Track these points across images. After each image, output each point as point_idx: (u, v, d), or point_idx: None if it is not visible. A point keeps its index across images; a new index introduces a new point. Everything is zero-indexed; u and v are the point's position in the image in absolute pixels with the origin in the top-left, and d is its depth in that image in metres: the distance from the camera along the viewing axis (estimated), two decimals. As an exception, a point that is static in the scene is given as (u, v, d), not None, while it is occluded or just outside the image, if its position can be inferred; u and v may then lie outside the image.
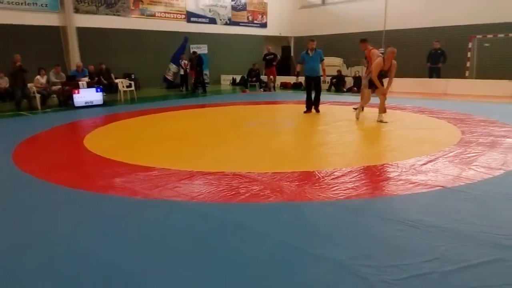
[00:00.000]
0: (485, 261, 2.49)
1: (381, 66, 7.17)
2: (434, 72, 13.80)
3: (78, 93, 10.78)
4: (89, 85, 11.19)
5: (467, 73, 14.43)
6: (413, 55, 15.43)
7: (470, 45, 14.49)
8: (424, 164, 4.66)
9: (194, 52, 15.23)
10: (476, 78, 13.95)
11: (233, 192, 3.85)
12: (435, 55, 13.72)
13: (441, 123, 7.40)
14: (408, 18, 16.93)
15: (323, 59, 8.98)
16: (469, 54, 14.48)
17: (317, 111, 9.13)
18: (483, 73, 13.95)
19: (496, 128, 6.66)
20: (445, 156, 4.99)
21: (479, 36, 14.53)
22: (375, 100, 7.84)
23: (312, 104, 9.14)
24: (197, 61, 14.54)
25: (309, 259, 2.60)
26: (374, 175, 4.31)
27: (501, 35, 13.92)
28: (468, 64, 14.47)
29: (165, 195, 3.84)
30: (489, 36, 14.24)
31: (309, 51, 8.78)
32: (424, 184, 3.95)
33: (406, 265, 2.47)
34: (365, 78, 8.28)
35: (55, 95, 11.36)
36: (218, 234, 3.00)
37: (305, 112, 9.11)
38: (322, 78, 9.16)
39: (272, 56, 14.99)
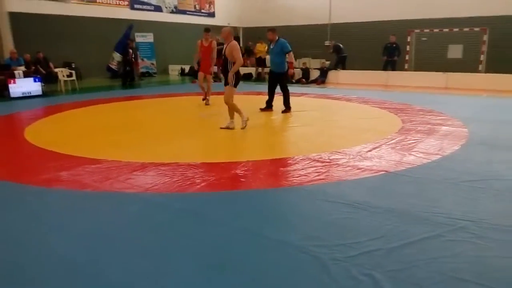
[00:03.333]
0: (425, 237, 2.72)
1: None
2: (389, 65, 14.54)
3: (14, 83, 10.07)
4: (26, 75, 10.49)
5: (406, 66, 15.29)
6: (356, 49, 16.09)
7: (409, 39, 15.35)
8: (369, 151, 4.94)
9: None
10: (414, 70, 14.84)
11: (188, 182, 3.84)
12: (391, 48, 14.46)
13: (383, 113, 7.82)
14: (351, 12, 17.74)
15: (288, 51, 7.86)
16: (408, 48, 15.33)
17: (286, 109, 7.98)
18: (420, 66, 14.87)
19: (432, 117, 7.17)
20: (388, 143, 5.31)
21: (417, 31, 15.44)
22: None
23: (283, 103, 8.02)
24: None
25: (267, 242, 2.69)
26: (324, 162, 4.49)
27: (436, 30, 14.89)
28: (407, 57, 15.33)
29: (117, 187, 3.75)
30: (426, 30, 15.18)
31: (271, 43, 8.06)
32: (370, 170, 4.19)
33: (354, 243, 2.64)
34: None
35: (-14, 85, 10.52)
36: (176, 224, 3.01)
37: (261, 109, 8.09)
38: (290, 71, 8.13)
39: (223, 46, 14.87)
